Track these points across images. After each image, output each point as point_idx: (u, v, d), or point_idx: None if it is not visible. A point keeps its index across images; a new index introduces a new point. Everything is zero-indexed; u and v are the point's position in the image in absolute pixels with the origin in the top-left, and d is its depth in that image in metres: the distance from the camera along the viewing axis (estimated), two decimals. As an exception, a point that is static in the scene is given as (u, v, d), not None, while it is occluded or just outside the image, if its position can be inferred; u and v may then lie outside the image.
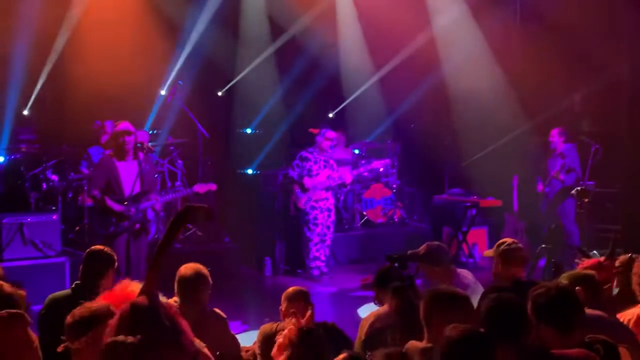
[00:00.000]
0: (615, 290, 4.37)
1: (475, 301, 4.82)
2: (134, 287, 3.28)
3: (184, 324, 2.58)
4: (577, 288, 3.75)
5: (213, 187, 8.25)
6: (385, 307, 4.18)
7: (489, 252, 5.02)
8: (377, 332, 3.96)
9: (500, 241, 4.95)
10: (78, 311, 3.24)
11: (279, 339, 3.21)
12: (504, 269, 4.75)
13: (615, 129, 10.63)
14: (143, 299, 2.59)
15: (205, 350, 3.29)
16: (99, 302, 3.31)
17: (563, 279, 4.01)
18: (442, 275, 5.09)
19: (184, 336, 2.51)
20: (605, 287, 4.26)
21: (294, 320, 3.23)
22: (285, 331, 3.22)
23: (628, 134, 10.58)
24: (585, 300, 3.79)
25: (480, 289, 5.04)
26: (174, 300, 4.22)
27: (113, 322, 2.53)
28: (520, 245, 4.98)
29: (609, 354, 3.23)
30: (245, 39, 11.72)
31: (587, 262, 4.62)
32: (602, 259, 4.62)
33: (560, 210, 9.57)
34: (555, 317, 3.29)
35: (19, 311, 3.37)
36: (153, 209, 8.02)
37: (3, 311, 3.26)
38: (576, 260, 4.95)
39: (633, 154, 10.30)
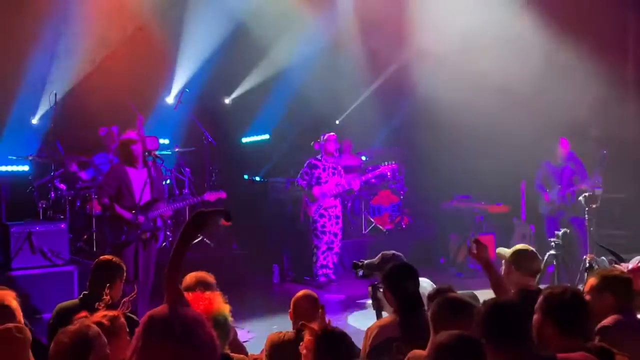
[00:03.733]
0: None
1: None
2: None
3: (207, 333, 2.54)
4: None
5: (223, 194, 8.26)
6: (389, 317, 4.14)
7: (503, 254, 4.90)
8: (382, 344, 3.93)
9: (517, 248, 4.82)
10: (67, 337, 3.08)
11: (302, 351, 3.24)
12: (516, 276, 4.65)
13: (623, 135, 10.61)
14: (163, 309, 2.59)
15: None
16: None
17: (594, 277, 4.04)
18: None
19: (200, 348, 2.49)
20: None
21: (307, 330, 3.24)
22: (303, 342, 3.24)
23: (636, 140, 10.56)
24: (615, 305, 3.87)
25: None
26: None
27: (137, 330, 2.53)
28: (537, 255, 4.85)
29: None
30: (253, 45, 11.73)
31: (634, 265, 4.64)
32: (630, 266, 4.62)
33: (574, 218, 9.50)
34: (563, 317, 3.31)
35: (22, 326, 3.35)
36: (162, 217, 8.04)
37: (10, 324, 3.24)
38: (614, 265, 4.92)
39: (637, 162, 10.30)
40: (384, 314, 4.85)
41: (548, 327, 3.32)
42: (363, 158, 11.89)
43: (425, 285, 5.00)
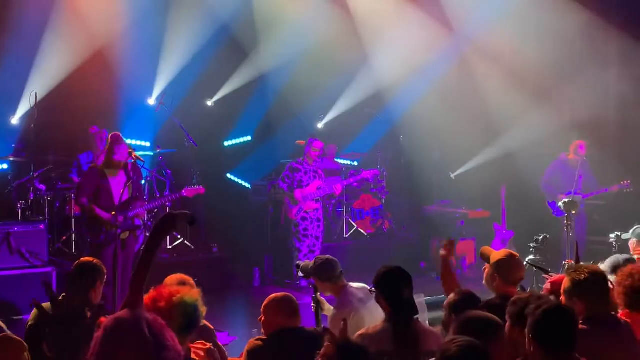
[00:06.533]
0: None
1: (365, 316, 4.77)
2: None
3: (171, 337, 2.56)
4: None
5: (201, 190, 8.24)
6: (380, 326, 4.04)
7: (487, 254, 4.84)
8: (372, 357, 3.85)
9: (501, 256, 4.64)
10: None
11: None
12: (498, 283, 4.56)
13: (604, 141, 10.72)
14: (126, 313, 2.57)
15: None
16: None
17: (567, 278, 3.92)
18: (332, 290, 5.09)
19: (167, 351, 2.49)
20: None
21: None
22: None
23: (616, 146, 10.67)
24: (585, 311, 3.75)
25: (370, 308, 4.88)
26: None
27: (97, 335, 2.50)
28: (521, 263, 4.71)
29: None
30: (236, 48, 11.70)
31: (555, 277, 4.59)
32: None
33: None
34: (547, 337, 3.14)
35: (18, 338, 3.33)
36: (141, 216, 8.00)
37: (4, 333, 3.23)
38: (543, 276, 4.92)
39: (621, 166, 10.39)
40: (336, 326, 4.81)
41: (535, 348, 3.17)
42: (346, 162, 11.90)
43: (360, 295, 5.02)
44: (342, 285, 5.10)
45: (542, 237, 8.12)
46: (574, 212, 8.44)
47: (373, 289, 4.20)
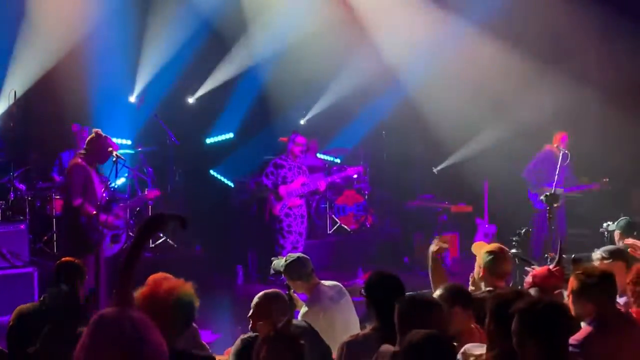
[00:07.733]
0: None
1: (336, 314, 4.84)
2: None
3: (157, 337, 2.54)
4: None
5: (157, 192, 8.53)
6: (368, 331, 3.99)
7: (479, 249, 4.86)
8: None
9: (489, 250, 4.73)
10: None
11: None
12: (487, 278, 4.65)
13: (584, 134, 10.78)
14: (112, 309, 2.58)
15: None
16: None
17: (575, 278, 3.88)
18: (304, 288, 5.18)
19: (147, 345, 2.49)
20: (556, 292, 4.24)
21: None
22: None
23: (597, 139, 10.74)
24: (593, 312, 3.75)
25: (342, 306, 5.00)
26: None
27: (88, 328, 2.52)
28: (509, 257, 4.82)
29: None
30: (218, 44, 11.65)
31: (537, 270, 4.62)
32: (551, 266, 4.61)
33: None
34: (542, 334, 3.03)
35: None
36: (124, 217, 7.94)
37: None
38: (526, 269, 4.97)
39: (602, 158, 10.47)
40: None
41: (531, 349, 3.05)
42: (329, 158, 11.90)
43: (331, 293, 5.09)
44: (315, 283, 5.14)
45: (524, 230, 8.16)
46: (556, 205, 8.49)
47: (364, 292, 4.06)
